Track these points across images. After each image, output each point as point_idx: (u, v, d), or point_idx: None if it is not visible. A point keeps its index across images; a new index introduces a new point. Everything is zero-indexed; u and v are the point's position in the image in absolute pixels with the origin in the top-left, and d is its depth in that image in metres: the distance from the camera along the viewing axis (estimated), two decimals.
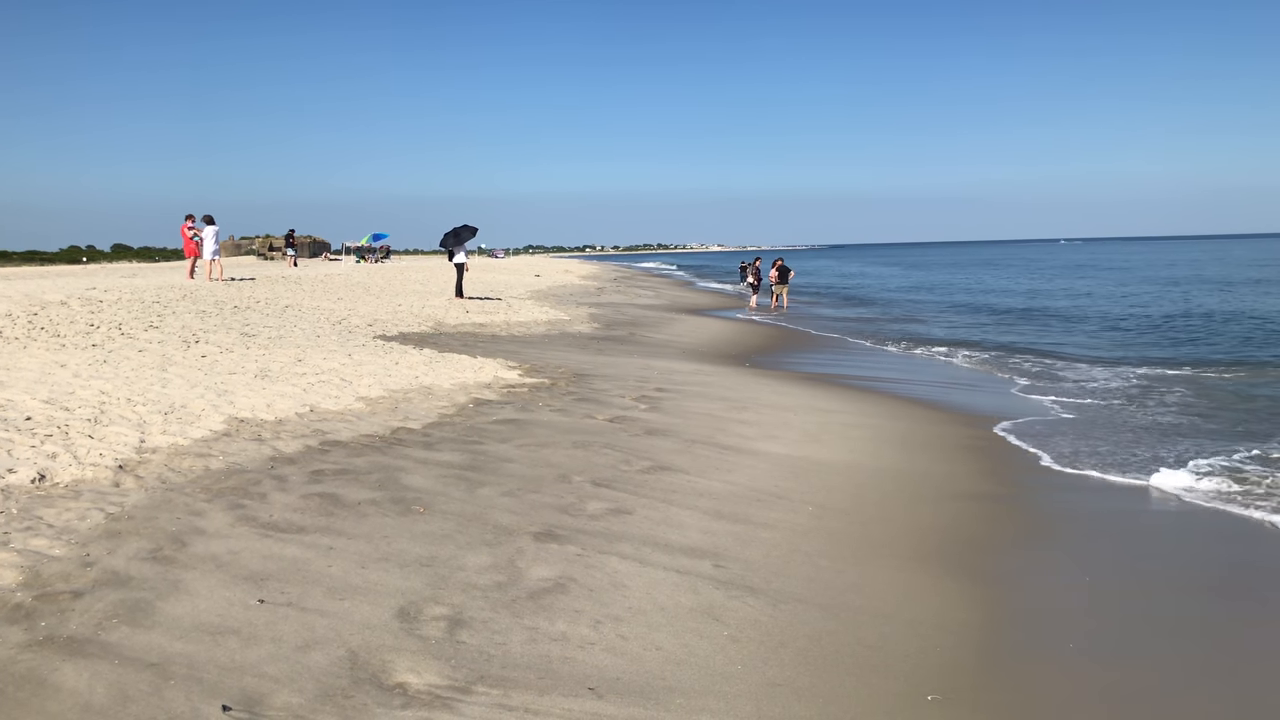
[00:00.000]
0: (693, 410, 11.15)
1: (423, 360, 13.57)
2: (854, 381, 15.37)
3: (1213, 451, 9.95)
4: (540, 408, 10.52)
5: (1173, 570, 6.62)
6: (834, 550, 6.61)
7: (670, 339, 21.33)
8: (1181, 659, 5.14)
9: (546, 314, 25.12)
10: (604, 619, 5.01)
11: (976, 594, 5.99)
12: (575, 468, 7.95)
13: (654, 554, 6.07)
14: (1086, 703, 4.62)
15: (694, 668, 4.59)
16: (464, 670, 4.29)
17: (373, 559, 5.52)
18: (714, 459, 8.79)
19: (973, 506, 7.98)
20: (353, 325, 18.44)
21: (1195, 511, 7.91)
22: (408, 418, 9.42)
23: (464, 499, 6.84)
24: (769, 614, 5.34)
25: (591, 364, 14.98)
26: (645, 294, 42.29)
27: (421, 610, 4.88)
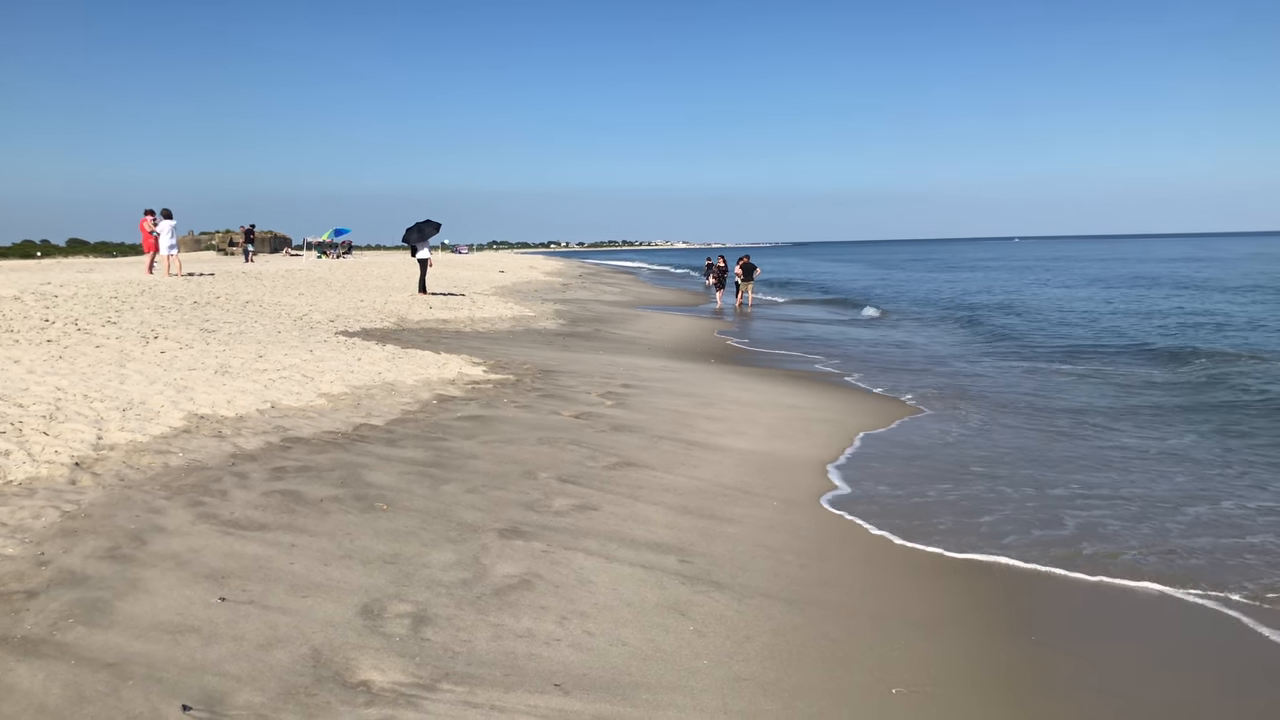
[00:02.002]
0: (659, 406, 11.15)
1: (386, 356, 13.46)
2: (819, 376, 15.44)
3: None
4: (505, 404, 10.47)
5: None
6: (799, 545, 6.63)
7: (636, 335, 21.33)
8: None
9: (511, 310, 25.02)
10: (570, 615, 5.00)
11: (940, 587, 6.04)
12: (541, 464, 7.92)
13: (620, 550, 6.06)
14: (1051, 690, 4.67)
15: (660, 663, 4.58)
16: (428, 668, 4.26)
17: (335, 556, 5.46)
18: (680, 455, 8.80)
19: (934, 495, 8.03)
20: (314, 321, 18.26)
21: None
22: (370, 414, 9.34)
23: (428, 496, 6.79)
24: (734, 609, 5.35)
25: (557, 360, 14.94)
26: (611, 290, 42.27)
27: (385, 608, 4.84)
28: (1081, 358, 18.75)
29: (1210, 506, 7.89)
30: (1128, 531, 7.22)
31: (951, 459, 9.63)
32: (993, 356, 19.43)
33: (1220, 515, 7.65)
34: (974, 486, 8.49)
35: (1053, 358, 18.91)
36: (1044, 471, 9.05)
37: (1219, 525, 7.39)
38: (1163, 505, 7.91)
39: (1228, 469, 9.28)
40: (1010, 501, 7.99)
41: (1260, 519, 7.55)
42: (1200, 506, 7.88)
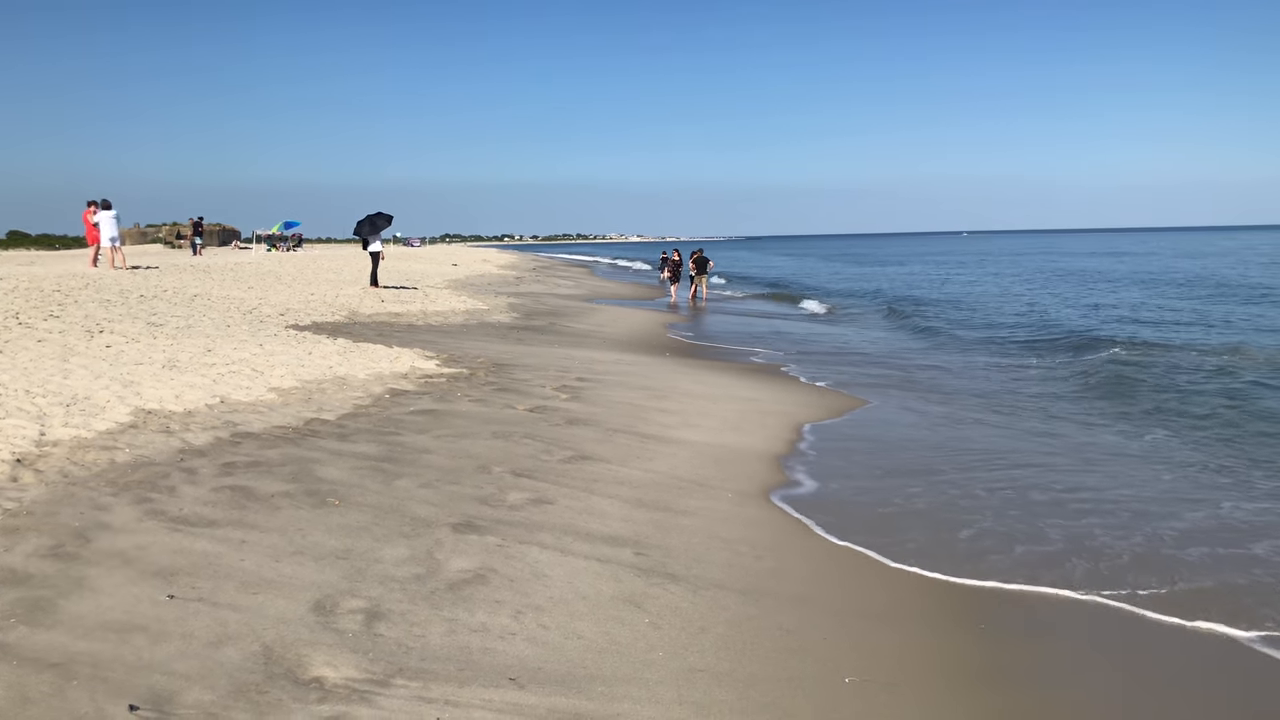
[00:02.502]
0: (614, 399, 11.15)
1: (337, 350, 13.32)
2: (771, 369, 15.52)
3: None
4: (459, 398, 10.41)
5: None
6: (753, 536, 6.67)
7: (591, 329, 21.30)
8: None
9: (464, 303, 24.87)
10: (525, 609, 4.98)
11: (891, 575, 6.11)
12: (495, 458, 7.89)
13: (575, 543, 6.06)
14: (1001, 678, 4.75)
15: (615, 655, 4.59)
16: (382, 663, 4.23)
17: (287, 552, 5.40)
18: (635, 448, 8.81)
19: (886, 486, 8.13)
20: (264, 315, 18.01)
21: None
22: (322, 409, 9.24)
23: (380, 491, 6.73)
24: (689, 600, 5.37)
25: (511, 354, 14.88)
26: (565, 284, 42.16)
27: (338, 603, 4.79)
28: (1012, 348, 19.06)
29: (1133, 491, 8.06)
30: (1050, 515, 7.35)
31: (900, 448, 9.74)
32: (934, 349, 19.81)
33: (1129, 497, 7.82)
34: (918, 480, 8.59)
35: (991, 349, 19.21)
36: (983, 460, 9.19)
37: (1140, 522, 7.55)
38: (1091, 491, 8.06)
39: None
40: (954, 492, 8.10)
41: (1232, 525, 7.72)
42: (1124, 490, 8.04)
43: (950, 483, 8.40)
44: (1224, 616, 5.55)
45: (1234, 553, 6.64)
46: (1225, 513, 7.59)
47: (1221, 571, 6.28)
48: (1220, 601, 5.78)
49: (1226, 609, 5.66)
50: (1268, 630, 5.39)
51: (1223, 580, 6.13)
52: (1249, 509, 7.69)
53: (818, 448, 9.65)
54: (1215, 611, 5.62)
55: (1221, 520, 7.39)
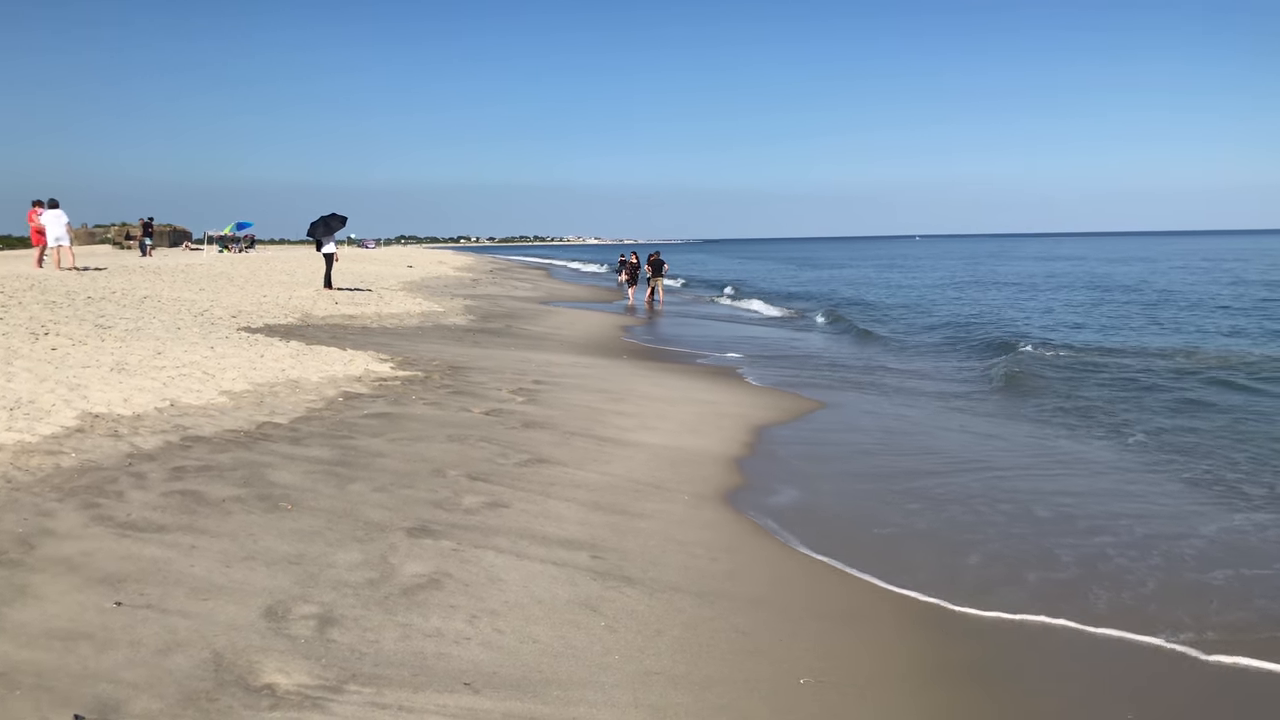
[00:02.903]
0: (571, 402, 11.13)
1: (290, 353, 13.17)
2: (728, 371, 15.57)
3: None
4: (414, 401, 10.34)
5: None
6: (709, 539, 6.69)
7: (548, 331, 21.25)
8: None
9: (420, 306, 24.69)
10: (480, 613, 4.96)
11: (846, 577, 6.16)
12: (450, 462, 7.84)
13: (531, 547, 6.04)
14: (956, 678, 4.80)
15: (571, 659, 4.58)
16: (335, 669, 4.18)
17: (238, 558, 5.32)
18: (592, 451, 8.80)
19: (841, 488, 8.19)
20: (215, 317, 17.77)
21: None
22: (274, 412, 9.13)
23: (334, 495, 6.66)
24: (645, 603, 5.37)
25: (467, 356, 14.80)
26: (522, 286, 42.03)
27: (290, 609, 4.73)
28: (951, 350, 19.32)
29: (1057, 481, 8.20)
30: (980, 504, 7.46)
31: (856, 450, 9.83)
32: (883, 351, 20.10)
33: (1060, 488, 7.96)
34: (872, 482, 8.67)
35: (940, 351, 19.45)
36: (944, 461, 9.31)
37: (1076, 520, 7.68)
38: (1034, 493, 8.19)
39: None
40: (909, 494, 8.18)
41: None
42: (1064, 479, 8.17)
43: (904, 487, 8.48)
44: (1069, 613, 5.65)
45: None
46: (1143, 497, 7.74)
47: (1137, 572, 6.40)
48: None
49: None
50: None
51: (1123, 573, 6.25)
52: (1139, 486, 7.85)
53: (774, 450, 9.70)
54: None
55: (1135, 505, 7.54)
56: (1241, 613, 5.72)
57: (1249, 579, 6.29)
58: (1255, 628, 5.49)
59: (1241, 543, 7.04)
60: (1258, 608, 5.79)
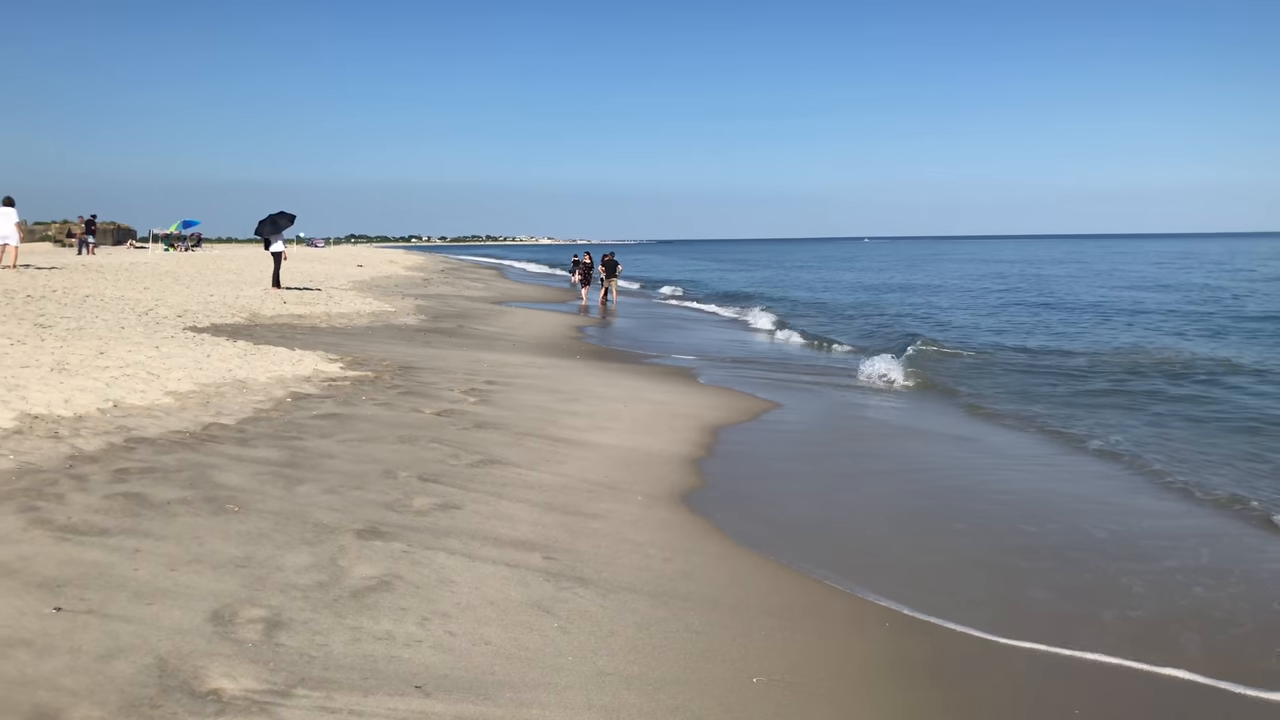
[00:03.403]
0: (523, 403, 11.08)
1: (237, 353, 12.96)
2: (681, 372, 15.59)
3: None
4: (363, 401, 10.22)
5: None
6: (662, 539, 6.68)
7: (501, 331, 21.14)
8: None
9: (370, 305, 24.45)
10: (431, 616, 4.91)
11: (797, 576, 6.19)
12: (401, 463, 7.76)
13: (483, 548, 5.99)
14: (908, 675, 4.84)
15: (523, 661, 4.55)
16: (283, 673, 4.11)
17: (183, 561, 5.22)
18: (545, 451, 8.76)
19: (792, 488, 8.23)
20: (161, 316, 17.45)
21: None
22: (220, 413, 8.98)
23: (282, 497, 6.56)
24: (599, 604, 5.35)
25: (418, 356, 14.67)
26: (474, 286, 41.78)
27: (237, 613, 4.65)
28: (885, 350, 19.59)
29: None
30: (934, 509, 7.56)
31: (806, 450, 9.89)
32: (833, 353, 20.24)
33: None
34: (826, 483, 8.74)
35: (876, 351, 19.69)
36: (885, 460, 9.40)
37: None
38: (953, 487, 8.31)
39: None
40: (864, 489, 8.26)
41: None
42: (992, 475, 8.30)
43: (856, 487, 8.55)
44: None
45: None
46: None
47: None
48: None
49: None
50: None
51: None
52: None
53: (727, 450, 9.72)
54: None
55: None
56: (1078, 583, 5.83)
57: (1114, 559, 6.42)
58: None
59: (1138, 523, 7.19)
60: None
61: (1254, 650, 5.30)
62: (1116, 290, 41.11)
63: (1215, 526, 7.61)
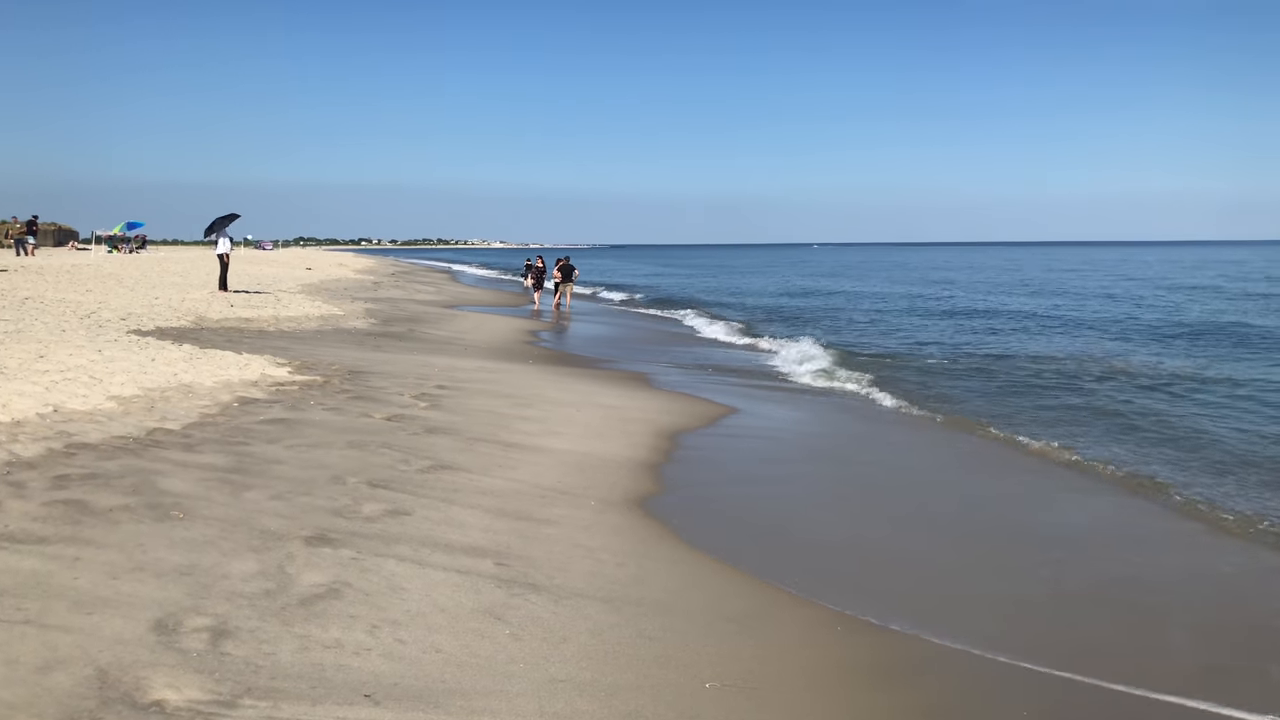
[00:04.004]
0: (475, 408, 11.00)
1: (182, 356, 12.74)
2: (635, 376, 15.59)
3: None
4: (312, 406, 10.09)
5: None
6: (615, 545, 6.67)
7: (452, 336, 20.99)
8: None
9: (319, 309, 24.17)
10: (381, 623, 4.85)
11: (751, 581, 6.20)
12: (350, 468, 7.67)
13: (434, 555, 5.93)
14: (861, 678, 4.87)
15: (475, 669, 4.51)
16: (229, 683, 4.04)
17: (125, 569, 5.11)
18: (497, 456, 8.70)
19: (745, 492, 8.26)
20: (104, 319, 17.11)
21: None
22: (165, 418, 8.82)
23: (228, 503, 6.45)
24: (551, 610, 5.32)
25: (368, 361, 14.52)
26: (425, 289, 41.48)
27: (181, 622, 4.56)
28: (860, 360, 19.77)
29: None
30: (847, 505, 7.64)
31: (757, 456, 9.93)
32: (786, 359, 20.34)
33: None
34: (777, 485, 8.77)
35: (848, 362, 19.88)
36: (838, 465, 9.47)
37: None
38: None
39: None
40: (818, 494, 8.30)
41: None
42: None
43: (810, 491, 8.60)
44: None
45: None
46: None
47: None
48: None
49: None
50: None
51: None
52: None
53: (681, 455, 9.73)
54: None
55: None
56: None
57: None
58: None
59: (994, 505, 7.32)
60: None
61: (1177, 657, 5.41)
62: (996, 296, 42.66)
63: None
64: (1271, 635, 5.73)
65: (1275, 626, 5.91)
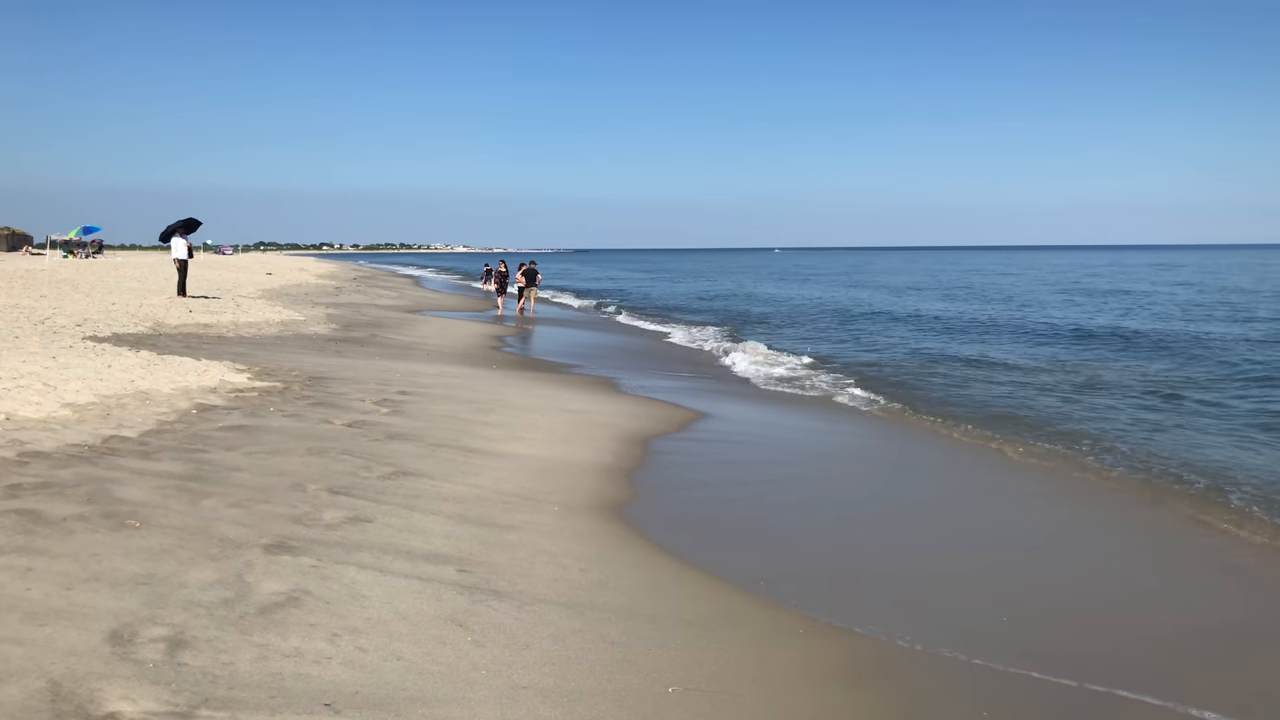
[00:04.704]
0: (437, 413, 10.94)
1: (140, 363, 12.57)
2: (600, 381, 15.58)
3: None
4: (272, 413, 9.99)
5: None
6: (579, 550, 6.66)
7: (415, 341, 20.86)
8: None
9: (279, 314, 23.94)
10: (341, 631, 4.81)
11: (715, 585, 6.22)
12: (310, 475, 7.60)
13: (395, 562, 5.89)
14: (825, 681, 4.89)
15: (436, 676, 4.48)
16: (186, 694, 3.98)
17: (80, 579, 5.03)
18: (459, 462, 8.66)
19: (709, 496, 8.28)
20: (58, 325, 16.85)
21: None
22: (122, 425, 8.69)
23: (186, 511, 6.37)
24: (513, 617, 5.30)
25: (329, 366, 14.40)
26: (387, 294, 41.20)
27: (137, 632, 4.49)
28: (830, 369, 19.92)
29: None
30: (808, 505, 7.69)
31: (721, 459, 9.96)
32: (753, 362, 20.40)
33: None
34: (741, 489, 8.81)
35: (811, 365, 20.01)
36: (803, 467, 9.52)
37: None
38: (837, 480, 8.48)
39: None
40: (776, 499, 8.35)
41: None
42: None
43: (770, 495, 8.63)
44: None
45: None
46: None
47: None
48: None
49: None
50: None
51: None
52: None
53: (645, 460, 9.73)
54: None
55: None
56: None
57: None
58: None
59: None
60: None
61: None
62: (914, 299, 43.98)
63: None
64: (1246, 636, 5.82)
65: (1251, 628, 6.00)
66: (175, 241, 27.48)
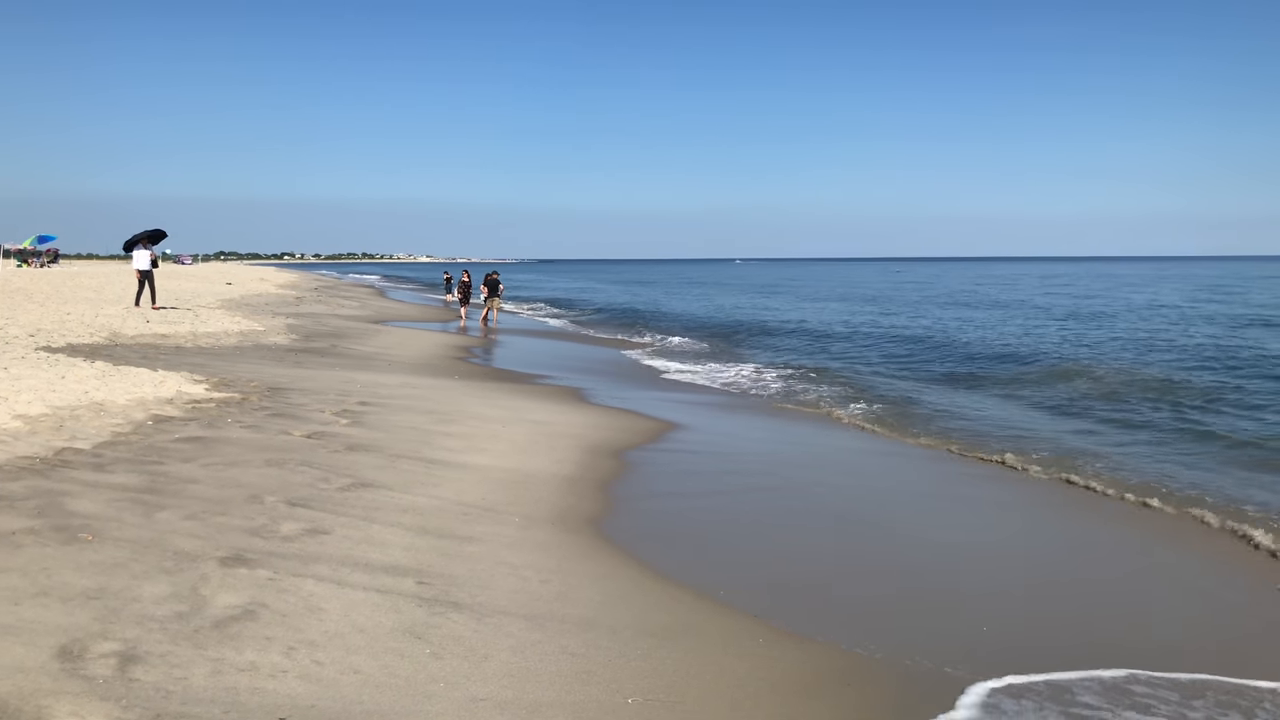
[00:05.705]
0: (398, 424, 10.87)
1: (95, 374, 12.38)
2: (563, 392, 15.54)
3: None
4: (229, 424, 9.87)
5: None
6: (540, 561, 6.63)
7: (376, 351, 20.71)
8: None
9: (239, 324, 23.69)
10: (298, 645, 4.75)
11: (677, 595, 6.21)
12: (268, 487, 7.52)
13: (353, 574, 5.84)
14: (787, 688, 4.90)
15: (394, 689, 4.44)
16: (136, 709, 3.92)
17: (28, 594, 4.94)
18: (419, 474, 8.60)
19: (672, 507, 8.27)
20: (10, 335, 16.56)
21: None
22: (75, 437, 8.55)
23: (140, 524, 6.28)
24: (473, 629, 5.27)
25: (288, 377, 14.25)
26: (349, 304, 40.90)
27: (88, 648, 4.41)
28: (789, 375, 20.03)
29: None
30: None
31: (683, 470, 9.97)
32: (725, 372, 20.47)
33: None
34: (705, 499, 8.82)
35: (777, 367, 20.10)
36: (766, 476, 9.55)
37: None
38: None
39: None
40: (739, 506, 8.37)
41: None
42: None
43: (732, 503, 8.65)
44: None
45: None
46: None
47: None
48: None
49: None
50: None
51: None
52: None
53: (608, 470, 9.71)
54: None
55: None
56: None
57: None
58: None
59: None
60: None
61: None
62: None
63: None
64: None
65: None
66: (137, 252, 27.18)
